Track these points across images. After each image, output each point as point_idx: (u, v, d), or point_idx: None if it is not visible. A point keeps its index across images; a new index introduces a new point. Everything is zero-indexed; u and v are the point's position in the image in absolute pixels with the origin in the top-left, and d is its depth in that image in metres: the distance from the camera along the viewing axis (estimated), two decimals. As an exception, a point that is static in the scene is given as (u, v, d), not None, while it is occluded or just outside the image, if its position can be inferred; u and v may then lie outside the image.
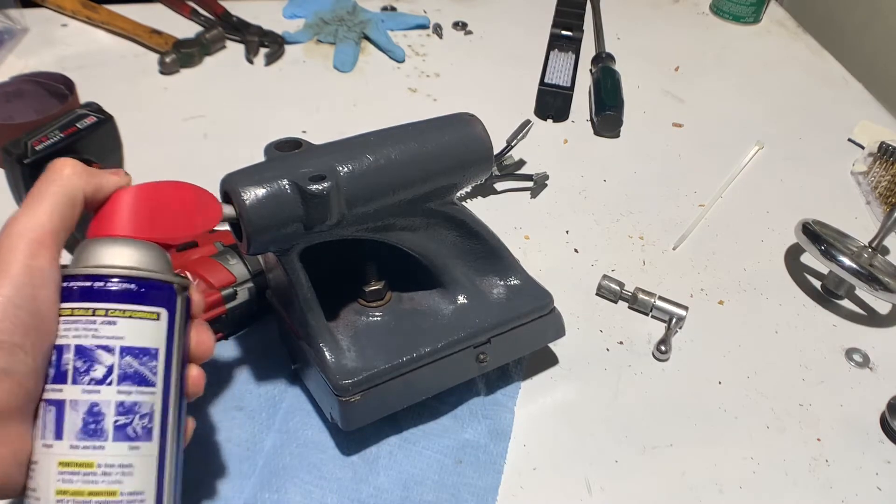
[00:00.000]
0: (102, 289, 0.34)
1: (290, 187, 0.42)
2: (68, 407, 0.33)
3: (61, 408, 0.33)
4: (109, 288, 0.34)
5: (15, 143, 0.59)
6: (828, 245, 0.61)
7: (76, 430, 0.33)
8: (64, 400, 0.33)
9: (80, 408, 0.33)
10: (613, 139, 0.82)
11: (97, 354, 0.34)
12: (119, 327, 0.34)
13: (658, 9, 1.09)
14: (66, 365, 0.33)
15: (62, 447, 0.33)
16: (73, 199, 0.35)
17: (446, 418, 0.52)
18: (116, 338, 0.34)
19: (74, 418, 0.33)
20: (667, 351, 0.58)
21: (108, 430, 0.33)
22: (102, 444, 0.33)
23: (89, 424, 0.33)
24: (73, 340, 0.34)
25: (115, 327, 0.34)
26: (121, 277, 0.35)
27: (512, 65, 0.92)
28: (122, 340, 0.34)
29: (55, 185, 0.35)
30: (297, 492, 0.47)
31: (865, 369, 0.59)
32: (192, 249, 0.55)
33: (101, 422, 0.33)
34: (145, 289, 0.35)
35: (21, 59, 0.84)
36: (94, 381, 0.33)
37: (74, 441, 0.33)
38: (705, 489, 0.50)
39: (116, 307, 0.34)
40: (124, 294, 0.35)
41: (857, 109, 0.89)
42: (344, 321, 0.51)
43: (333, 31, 0.93)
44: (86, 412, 0.33)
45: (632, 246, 0.68)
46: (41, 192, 0.35)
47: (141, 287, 0.35)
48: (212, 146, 0.75)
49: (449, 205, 0.49)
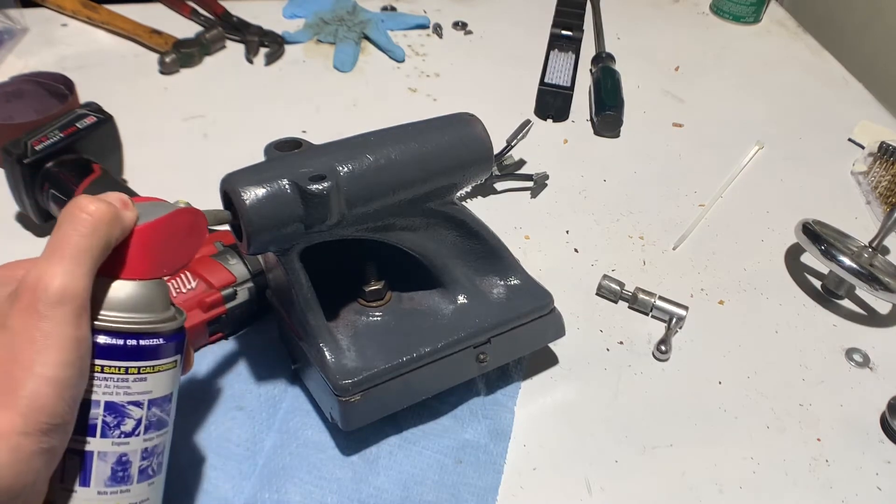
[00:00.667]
0: (135, 347, 0.34)
1: (290, 187, 0.42)
2: (96, 458, 0.33)
3: (88, 458, 0.33)
4: (142, 345, 0.34)
5: (15, 143, 0.59)
6: (828, 245, 0.61)
7: (104, 479, 0.33)
8: (91, 451, 0.33)
9: (108, 459, 0.33)
10: (613, 139, 0.82)
11: (128, 410, 0.34)
12: (149, 383, 0.34)
13: (658, 9, 1.09)
14: (95, 419, 0.33)
15: (88, 493, 0.33)
16: (107, 252, 0.32)
17: (446, 418, 0.52)
18: (146, 392, 0.34)
19: (103, 468, 0.33)
20: (667, 351, 0.58)
21: (133, 475, 0.34)
22: (129, 488, 0.34)
23: (118, 473, 0.34)
24: (103, 397, 0.33)
25: (145, 384, 0.34)
26: (150, 334, 0.34)
27: (512, 65, 0.92)
28: (151, 394, 0.35)
29: (88, 236, 0.31)
30: (297, 492, 0.47)
31: (865, 369, 0.59)
32: (192, 249, 0.55)
33: (128, 469, 0.34)
34: (170, 341, 0.35)
35: (21, 59, 0.84)
36: (124, 435, 0.34)
37: (102, 488, 0.33)
38: (705, 489, 0.50)
39: (147, 364, 0.34)
40: (154, 350, 0.34)
41: (857, 109, 0.89)
42: (344, 321, 0.51)
43: (333, 31, 0.93)
44: (115, 462, 0.34)
45: (632, 246, 0.68)
46: (71, 243, 0.31)
47: (167, 340, 0.35)
48: (212, 146, 0.75)
49: (449, 205, 0.49)
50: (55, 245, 0.31)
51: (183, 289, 0.52)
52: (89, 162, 0.61)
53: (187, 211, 0.37)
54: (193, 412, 0.51)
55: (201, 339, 0.54)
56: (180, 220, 0.37)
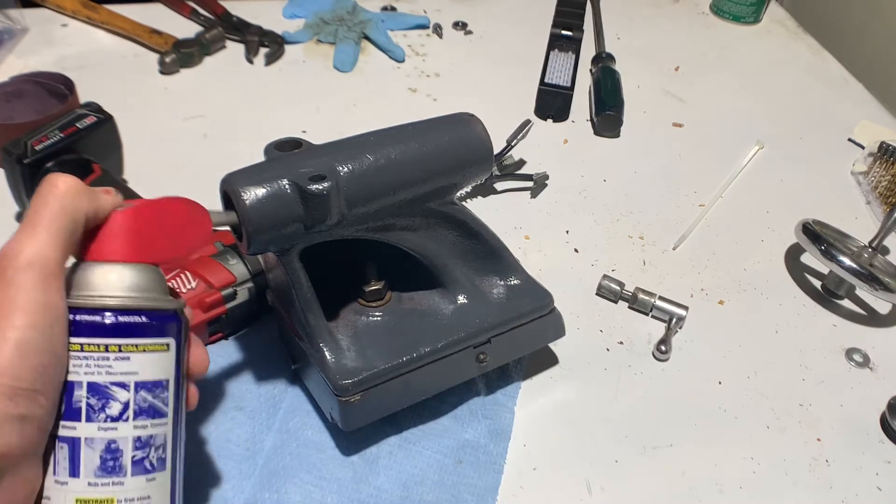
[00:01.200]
0: (114, 323, 0.33)
1: (290, 187, 0.42)
2: (84, 445, 0.32)
3: (76, 445, 0.32)
4: (120, 321, 0.33)
5: (15, 143, 0.59)
6: (828, 245, 0.61)
7: (94, 468, 0.32)
8: (78, 437, 0.32)
9: (96, 445, 0.33)
10: (613, 139, 0.82)
11: (112, 391, 0.33)
12: (133, 363, 0.33)
13: (658, 9, 1.09)
14: (79, 402, 0.32)
15: (79, 484, 0.32)
16: (76, 223, 0.33)
17: (446, 418, 0.52)
18: (131, 373, 0.33)
19: (91, 456, 0.32)
20: (667, 351, 0.58)
21: (126, 465, 0.33)
22: (122, 480, 0.33)
23: (107, 462, 0.33)
24: (84, 377, 0.32)
25: (128, 363, 0.33)
26: (131, 310, 0.33)
27: (512, 65, 0.92)
28: (137, 375, 0.33)
29: (55, 206, 0.32)
30: (297, 492, 0.47)
31: (865, 369, 0.59)
32: (192, 249, 0.55)
33: (119, 458, 0.33)
34: (156, 320, 0.34)
35: (21, 59, 0.84)
36: (110, 419, 0.33)
37: (93, 479, 0.32)
38: (705, 489, 0.50)
39: (129, 342, 0.33)
40: (136, 327, 0.34)
41: (857, 109, 0.89)
42: (344, 321, 0.51)
43: (333, 31, 0.93)
44: (103, 450, 0.33)
45: (632, 246, 0.68)
46: (41, 215, 0.32)
47: (152, 319, 0.34)
48: (212, 146, 0.75)
49: (449, 205, 0.49)
50: (26, 219, 0.32)
51: (183, 289, 0.52)
52: (89, 162, 0.61)
53: (179, 200, 0.37)
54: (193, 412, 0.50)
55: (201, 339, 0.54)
56: (169, 207, 0.36)
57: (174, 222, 0.37)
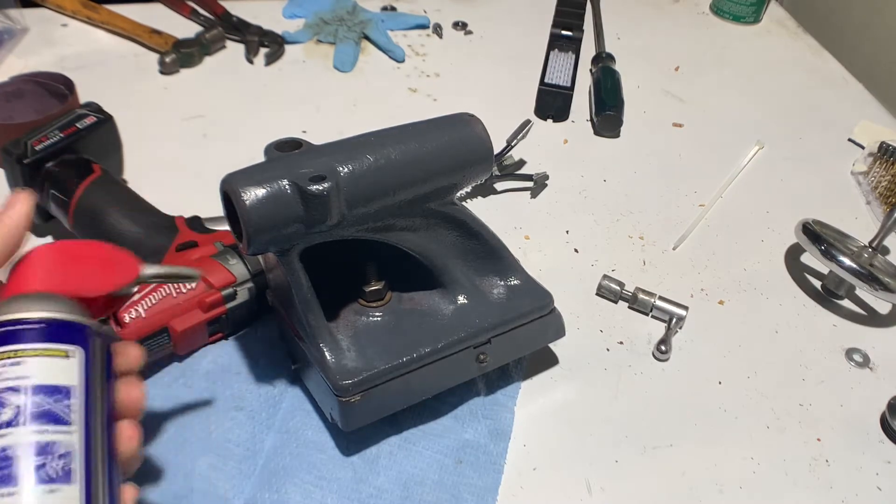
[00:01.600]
0: (9, 332, 0.33)
1: (290, 187, 0.42)
2: None
3: None
4: (17, 329, 0.33)
5: (15, 143, 0.59)
6: (828, 245, 0.61)
7: None
8: None
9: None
10: (613, 139, 0.82)
11: (3, 397, 0.32)
12: (27, 367, 0.33)
13: (658, 9, 1.09)
14: None
15: None
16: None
17: (446, 418, 0.52)
18: (24, 377, 0.33)
19: None
20: (667, 351, 0.58)
21: (19, 474, 0.31)
22: (13, 490, 0.31)
23: (2, 469, 0.31)
24: None
25: (22, 367, 0.33)
26: (28, 320, 0.34)
27: (512, 65, 0.92)
28: (31, 379, 0.33)
29: None
30: (297, 492, 0.47)
31: (865, 369, 0.59)
32: (192, 249, 0.56)
33: (10, 466, 0.31)
34: (54, 328, 0.34)
35: (21, 59, 0.84)
36: (4, 425, 0.32)
37: None
38: (705, 489, 0.50)
39: (24, 347, 0.33)
40: (31, 333, 0.34)
41: (857, 109, 0.89)
42: (344, 321, 0.51)
43: (333, 31, 0.93)
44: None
45: (632, 246, 0.68)
46: None
47: (49, 326, 0.34)
48: (212, 146, 0.75)
49: (449, 205, 0.49)
50: None
51: (183, 289, 0.52)
52: (89, 162, 0.61)
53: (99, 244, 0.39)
54: (194, 412, 0.51)
55: (201, 339, 0.54)
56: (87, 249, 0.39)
57: (92, 262, 0.38)
